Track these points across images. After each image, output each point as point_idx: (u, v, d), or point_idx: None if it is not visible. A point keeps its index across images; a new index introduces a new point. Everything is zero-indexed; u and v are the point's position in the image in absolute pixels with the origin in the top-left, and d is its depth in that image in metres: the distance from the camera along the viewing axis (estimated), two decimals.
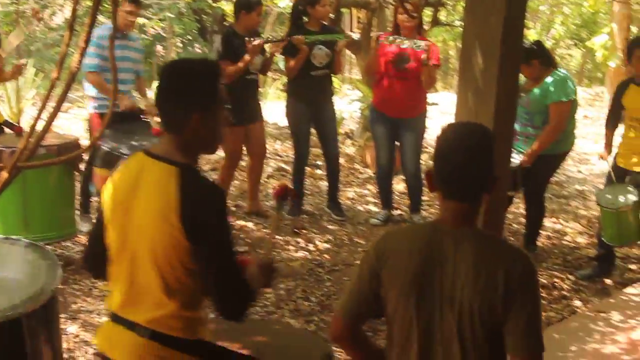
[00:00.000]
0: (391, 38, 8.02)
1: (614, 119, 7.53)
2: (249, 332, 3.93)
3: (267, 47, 8.16)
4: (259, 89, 8.61)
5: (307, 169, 9.56)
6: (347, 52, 12.12)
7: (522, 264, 2.95)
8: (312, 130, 8.66)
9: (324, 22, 8.57)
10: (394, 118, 8.27)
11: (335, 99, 8.89)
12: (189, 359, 3.13)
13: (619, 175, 7.27)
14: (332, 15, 9.68)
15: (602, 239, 7.36)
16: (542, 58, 7.36)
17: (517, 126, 7.31)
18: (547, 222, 8.69)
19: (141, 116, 7.53)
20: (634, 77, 7.24)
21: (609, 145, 7.53)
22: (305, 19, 8.40)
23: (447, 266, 2.92)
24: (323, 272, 7.20)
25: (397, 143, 8.45)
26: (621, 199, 7.02)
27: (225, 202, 3.08)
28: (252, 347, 3.70)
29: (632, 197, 6.99)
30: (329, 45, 8.34)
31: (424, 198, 8.58)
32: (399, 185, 9.25)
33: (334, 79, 8.95)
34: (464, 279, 2.89)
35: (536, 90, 7.31)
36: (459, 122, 3.24)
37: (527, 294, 2.90)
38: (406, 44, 7.91)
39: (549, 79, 7.29)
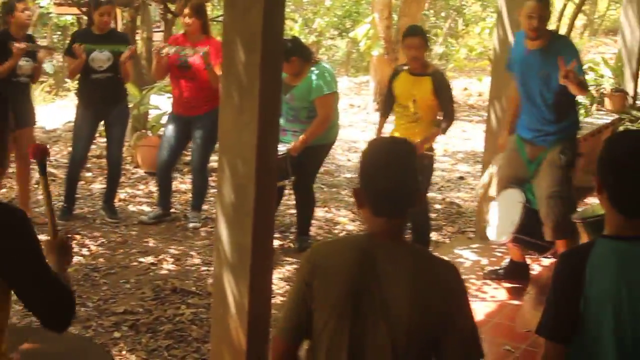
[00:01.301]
0: (172, 50, 8.05)
1: (387, 105, 7.72)
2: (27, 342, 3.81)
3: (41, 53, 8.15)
4: (30, 93, 8.52)
5: None
6: None
7: (456, 277, 2.97)
8: None
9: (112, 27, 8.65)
10: (186, 116, 8.32)
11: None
12: None
13: None
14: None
15: None
16: (300, 54, 7.49)
17: (283, 122, 7.41)
18: (319, 212, 8.84)
19: None
20: (405, 64, 7.46)
21: (380, 131, 7.74)
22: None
23: (384, 281, 2.87)
24: (99, 276, 7.07)
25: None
26: None
27: (26, 223, 2.81)
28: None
29: None
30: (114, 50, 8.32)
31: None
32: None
33: None
34: (400, 293, 2.86)
35: (300, 86, 7.43)
36: (383, 139, 3.22)
37: (462, 306, 2.92)
38: (187, 52, 7.97)
39: (311, 74, 7.44)
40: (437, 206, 9.72)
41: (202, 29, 8.13)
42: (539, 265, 7.26)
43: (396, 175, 2.92)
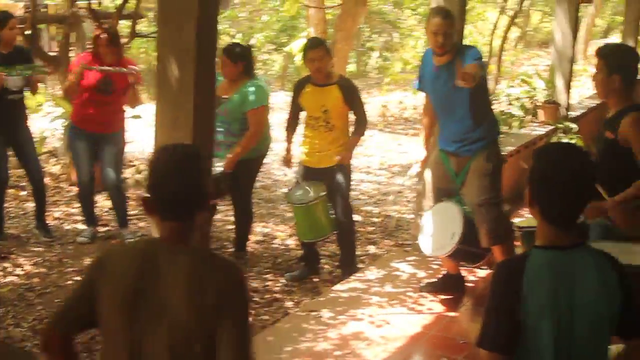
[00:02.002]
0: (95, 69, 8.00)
1: (293, 120, 7.82)
2: None
3: None
4: None
5: (11, 190, 9.27)
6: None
7: (233, 277, 3.03)
8: None
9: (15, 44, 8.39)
10: (94, 133, 8.19)
11: (36, 117, 8.67)
12: None
13: (306, 174, 7.52)
14: (28, 32, 9.45)
15: (299, 237, 7.64)
16: (248, 63, 7.59)
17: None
18: (257, 227, 8.83)
19: None
20: (310, 76, 7.50)
21: (289, 147, 7.82)
22: None
23: (161, 282, 2.95)
24: (33, 295, 6.99)
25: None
26: (310, 194, 7.27)
27: None
28: None
29: (320, 192, 7.25)
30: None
31: (133, 212, 8.54)
32: (107, 201, 9.11)
33: (36, 96, 8.79)
34: (176, 293, 2.93)
35: (234, 99, 7.45)
36: (170, 145, 3.26)
37: (237, 307, 2.97)
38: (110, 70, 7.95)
39: (247, 87, 7.49)
40: (374, 219, 9.76)
41: (117, 55, 8.12)
42: (475, 276, 7.31)
43: (179, 180, 3.01)
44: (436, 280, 7.09)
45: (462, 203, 6.54)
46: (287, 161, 7.85)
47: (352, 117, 7.53)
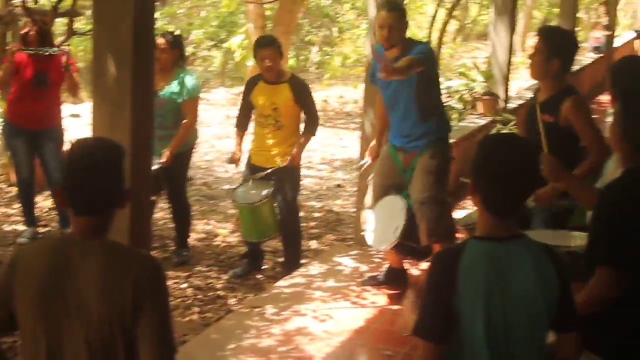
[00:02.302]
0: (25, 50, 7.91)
1: (244, 117, 7.76)
2: None
3: None
4: None
5: None
6: None
7: (150, 270, 3.03)
8: None
9: None
10: (32, 129, 8.10)
11: None
12: None
13: (253, 173, 7.48)
14: None
15: (243, 236, 7.63)
16: (181, 51, 7.73)
17: None
18: (199, 224, 8.79)
19: None
20: (261, 74, 7.49)
21: (239, 146, 7.75)
22: None
23: (75, 278, 2.92)
24: None
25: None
26: (255, 194, 7.24)
27: None
28: None
29: (265, 192, 7.22)
30: None
31: None
32: (47, 201, 9.02)
33: None
34: (91, 289, 2.91)
35: (168, 90, 7.50)
36: (86, 138, 3.22)
37: (155, 299, 2.98)
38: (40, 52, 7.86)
39: (182, 77, 7.59)
40: (316, 214, 9.77)
41: (45, 39, 8.07)
42: (418, 270, 7.34)
43: (90, 174, 2.99)
44: (379, 274, 7.11)
45: (410, 198, 6.54)
46: (235, 160, 7.78)
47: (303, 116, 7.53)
